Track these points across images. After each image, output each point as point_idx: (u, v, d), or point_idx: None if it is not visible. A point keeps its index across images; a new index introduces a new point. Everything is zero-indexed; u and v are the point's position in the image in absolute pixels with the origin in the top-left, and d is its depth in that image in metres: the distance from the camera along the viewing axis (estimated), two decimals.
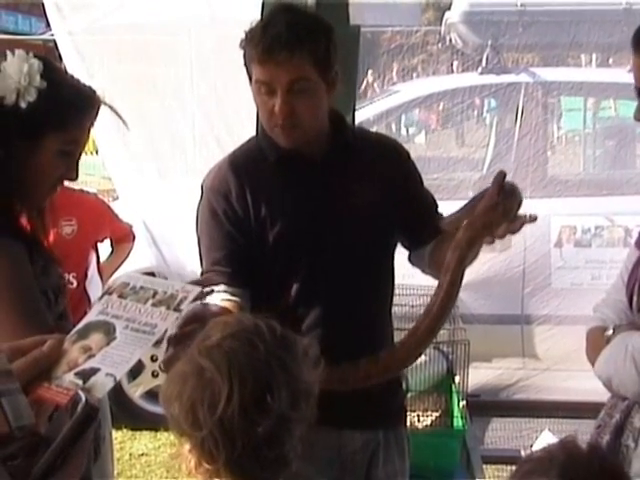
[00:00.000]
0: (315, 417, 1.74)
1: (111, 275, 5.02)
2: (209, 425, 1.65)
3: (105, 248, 4.97)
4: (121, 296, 1.52)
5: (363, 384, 2.46)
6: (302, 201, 2.64)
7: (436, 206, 2.83)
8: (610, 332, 2.43)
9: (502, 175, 2.41)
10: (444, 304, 2.42)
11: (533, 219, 2.40)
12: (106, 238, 4.87)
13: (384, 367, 2.48)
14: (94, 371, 1.36)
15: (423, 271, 2.86)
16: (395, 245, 2.80)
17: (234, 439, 1.65)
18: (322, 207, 2.64)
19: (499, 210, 2.36)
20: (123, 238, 5.00)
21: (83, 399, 1.27)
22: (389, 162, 2.75)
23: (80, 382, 1.34)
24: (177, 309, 1.48)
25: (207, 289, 2.05)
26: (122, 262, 5.04)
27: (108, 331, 1.43)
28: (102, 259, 4.88)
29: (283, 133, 2.58)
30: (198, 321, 1.94)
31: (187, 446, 1.71)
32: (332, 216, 2.63)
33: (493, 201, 2.36)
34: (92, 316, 1.49)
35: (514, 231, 2.39)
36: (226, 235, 2.62)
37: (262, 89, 2.53)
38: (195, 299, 1.53)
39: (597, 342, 2.48)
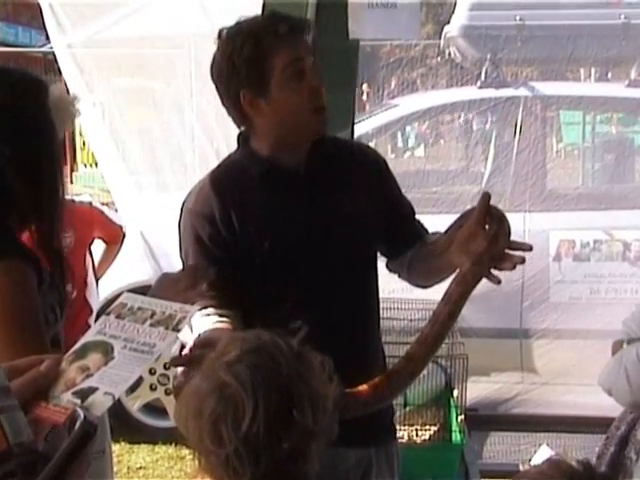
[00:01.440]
0: (335, 434, 1.72)
1: (103, 274, 5.03)
2: (234, 442, 1.62)
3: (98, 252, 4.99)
4: (119, 317, 1.51)
5: (361, 412, 2.44)
6: (289, 216, 2.60)
7: (414, 213, 2.82)
8: (625, 345, 2.45)
9: (487, 197, 2.38)
10: (439, 334, 2.39)
11: (529, 248, 2.40)
12: (95, 239, 4.88)
13: (380, 395, 2.45)
14: (92, 390, 1.35)
15: (399, 276, 2.84)
16: (377, 253, 2.78)
17: (259, 455, 1.62)
18: (309, 220, 2.61)
19: (501, 241, 2.35)
20: (113, 239, 5.02)
21: (82, 415, 1.27)
22: (369, 170, 2.73)
23: (78, 401, 1.34)
24: (175, 329, 1.48)
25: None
26: (111, 263, 5.06)
27: (106, 351, 1.43)
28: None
29: (321, 117, 2.56)
30: (209, 345, 1.92)
31: (205, 464, 1.69)
32: (320, 228, 2.60)
33: (492, 233, 2.35)
34: (90, 336, 1.48)
35: (518, 262, 2.37)
36: (212, 259, 2.56)
37: (292, 73, 2.50)
38: None
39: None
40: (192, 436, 1.67)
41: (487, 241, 2.33)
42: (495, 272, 2.38)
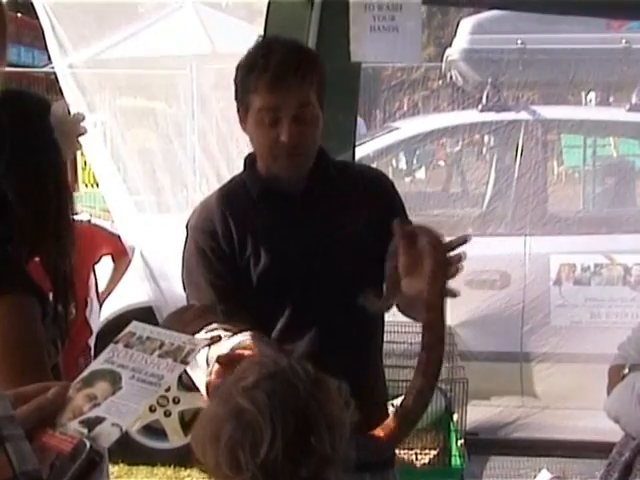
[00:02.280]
0: (353, 462, 1.70)
1: (113, 290, 5.02)
2: (251, 468, 1.60)
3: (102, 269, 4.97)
4: (127, 345, 1.51)
5: (377, 457, 2.40)
6: (285, 237, 2.61)
7: None
8: (626, 371, 2.42)
9: (398, 225, 2.30)
10: (438, 361, 2.32)
11: (464, 240, 2.30)
12: (103, 256, 4.87)
13: (396, 438, 2.39)
14: (99, 420, 1.35)
15: (398, 308, 2.73)
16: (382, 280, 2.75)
17: None
18: (305, 241, 2.61)
19: (440, 247, 2.24)
20: (121, 252, 5.02)
21: (88, 445, 1.27)
22: (371, 194, 2.71)
23: (85, 430, 1.33)
24: (184, 361, 1.47)
25: (215, 335, 2.04)
26: (122, 276, 5.05)
27: (114, 380, 1.42)
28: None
29: (290, 162, 2.55)
30: (249, 349, 1.93)
31: None
32: (316, 250, 2.60)
33: (429, 245, 2.23)
34: (98, 364, 1.48)
35: (462, 259, 2.26)
36: (216, 274, 2.58)
37: (266, 118, 2.51)
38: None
39: (615, 380, 2.47)
40: (209, 461, 1.65)
41: (430, 255, 2.22)
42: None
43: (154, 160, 6.22)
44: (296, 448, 1.60)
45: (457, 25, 6.95)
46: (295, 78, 2.49)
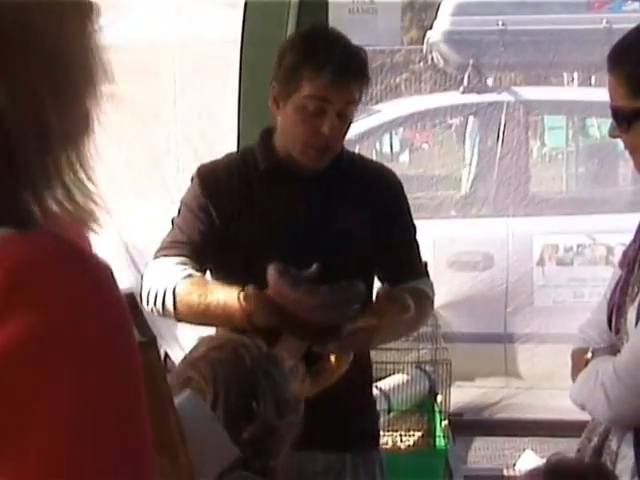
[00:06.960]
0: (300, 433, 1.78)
1: None
2: None
3: None
4: None
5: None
6: (282, 215, 2.63)
7: (417, 247, 2.80)
8: (589, 355, 2.41)
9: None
10: None
11: None
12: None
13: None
14: None
15: None
16: (373, 277, 2.75)
17: None
18: (299, 225, 2.62)
19: None
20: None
21: None
22: (377, 192, 2.73)
23: None
24: None
25: None
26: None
27: None
28: None
29: (321, 155, 2.59)
30: None
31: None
32: (307, 235, 2.61)
33: None
34: None
35: None
36: (205, 216, 2.61)
37: (311, 107, 2.53)
38: None
39: (579, 364, 2.46)
40: None
41: None
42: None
43: (133, 146, 6.20)
44: (238, 412, 1.68)
45: (438, 7, 6.95)
46: (353, 78, 2.55)
